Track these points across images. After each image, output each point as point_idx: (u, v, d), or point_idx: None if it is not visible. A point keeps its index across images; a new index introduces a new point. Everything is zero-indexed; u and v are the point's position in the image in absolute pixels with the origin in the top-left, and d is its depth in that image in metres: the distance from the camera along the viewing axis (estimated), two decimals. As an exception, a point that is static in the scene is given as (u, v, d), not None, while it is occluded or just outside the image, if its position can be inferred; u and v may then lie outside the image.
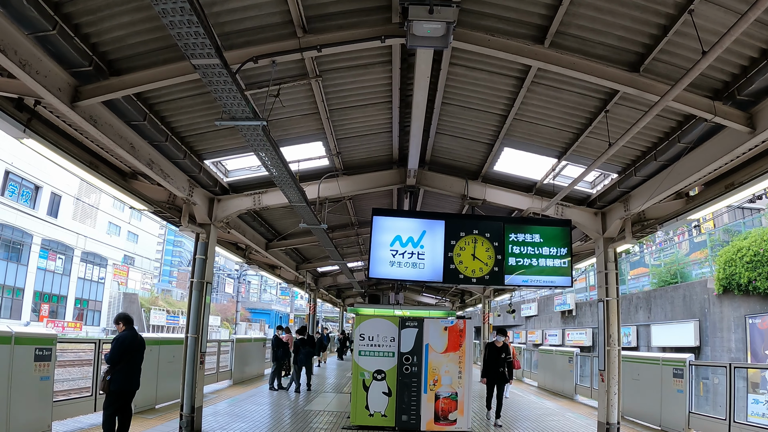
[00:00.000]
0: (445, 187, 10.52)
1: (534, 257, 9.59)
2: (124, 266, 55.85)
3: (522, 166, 10.02)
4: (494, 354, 11.54)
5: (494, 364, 11.50)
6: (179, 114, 7.61)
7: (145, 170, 7.82)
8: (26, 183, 40.07)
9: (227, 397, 13.65)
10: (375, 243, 9.27)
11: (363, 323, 10.20)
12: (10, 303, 39.02)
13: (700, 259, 24.50)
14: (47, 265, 43.03)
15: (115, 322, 8.09)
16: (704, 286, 20.23)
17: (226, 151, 8.97)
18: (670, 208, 9.53)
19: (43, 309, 41.63)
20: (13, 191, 38.77)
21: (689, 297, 21.03)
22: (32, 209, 40.66)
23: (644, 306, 24.04)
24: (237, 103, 5.12)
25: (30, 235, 40.39)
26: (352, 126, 8.98)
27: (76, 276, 46.80)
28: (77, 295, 47.27)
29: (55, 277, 44.25)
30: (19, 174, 38.63)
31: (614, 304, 10.47)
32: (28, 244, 40.55)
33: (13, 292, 39.27)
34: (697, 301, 20.41)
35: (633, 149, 8.53)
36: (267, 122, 5.46)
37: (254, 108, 5.34)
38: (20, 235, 39.63)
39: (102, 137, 6.69)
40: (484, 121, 8.57)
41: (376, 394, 9.96)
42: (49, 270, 43.33)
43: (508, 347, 11.89)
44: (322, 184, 10.16)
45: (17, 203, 38.62)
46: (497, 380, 11.51)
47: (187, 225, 9.56)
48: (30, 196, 40.95)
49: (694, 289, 20.94)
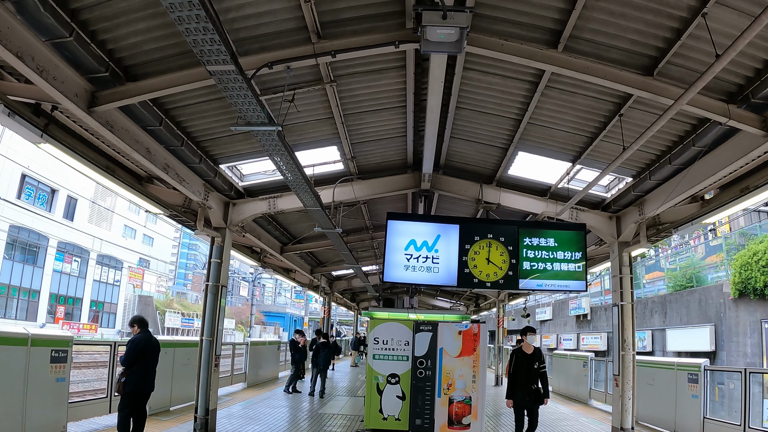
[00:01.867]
0: (460, 191, 10.51)
1: (548, 261, 9.53)
2: (140, 269, 56.14)
3: (536, 170, 9.99)
4: (523, 365, 8.56)
5: (524, 379, 8.50)
6: (195, 119, 7.67)
7: (162, 174, 7.89)
8: (42, 186, 40.44)
9: (242, 399, 13.72)
10: (389, 247, 9.27)
11: (377, 327, 10.25)
12: (26, 305, 39.38)
13: (716, 263, 24.22)
14: (63, 267, 43.39)
15: (130, 324, 8.19)
16: (720, 291, 20.00)
17: (242, 156, 9.04)
18: (685, 212, 9.48)
19: (59, 311, 41.99)
20: (29, 194, 39.16)
21: (705, 301, 20.79)
22: (48, 212, 41.03)
23: (659, 310, 23.79)
24: (252, 109, 5.17)
25: (46, 238, 40.74)
26: (366, 130, 9.02)
27: (91, 278, 47.11)
28: (92, 297, 47.56)
29: (70, 280, 44.59)
30: (36, 177, 39.00)
31: (629, 309, 10.41)
32: (45, 246, 40.88)
33: (29, 294, 39.63)
34: (713, 305, 20.18)
35: (647, 153, 8.49)
36: (282, 127, 5.48)
37: (269, 113, 5.38)
38: (36, 237, 39.98)
39: (119, 142, 6.75)
40: (498, 125, 8.57)
41: (390, 397, 9.99)
42: (64, 272, 43.67)
43: (542, 354, 8.89)
44: (336, 189, 10.19)
45: (34, 206, 39.00)
46: (529, 402, 8.47)
47: (203, 229, 9.62)
48: (46, 199, 41.37)
49: (710, 293, 20.71)
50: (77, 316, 44.66)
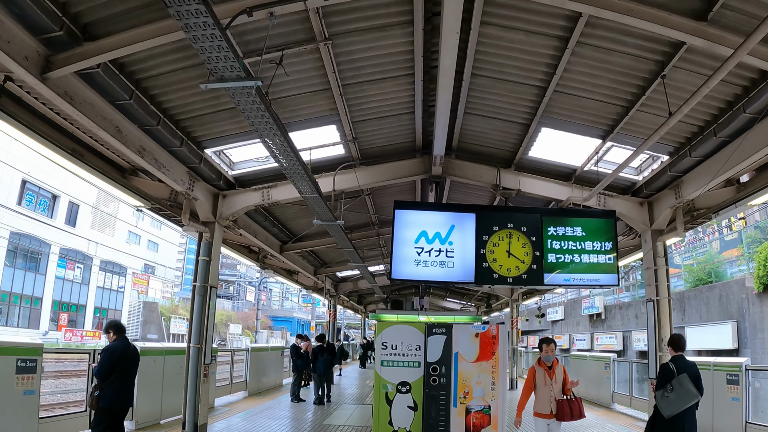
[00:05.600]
0: (475, 176, 9.44)
1: (576, 253, 8.53)
2: (144, 275, 55.52)
3: (560, 151, 8.98)
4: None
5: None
6: (171, 91, 6.69)
7: (137, 159, 6.95)
8: (44, 192, 39.91)
9: (241, 410, 12.72)
10: (398, 240, 8.26)
11: (385, 330, 9.10)
12: (29, 312, 38.89)
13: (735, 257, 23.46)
14: (66, 274, 42.83)
15: (104, 330, 7.20)
16: (742, 285, 19.42)
17: (229, 138, 8.02)
18: (720, 197, 8.60)
19: (62, 318, 41.39)
20: (30, 200, 38.60)
21: (726, 297, 20.38)
22: (50, 218, 40.48)
23: (678, 307, 23.25)
24: (224, 57, 4.14)
25: (48, 245, 40.19)
26: (369, 105, 7.96)
27: (95, 285, 46.55)
28: (96, 304, 46.97)
29: (73, 286, 44.03)
30: (37, 183, 38.46)
31: (665, 304, 9.41)
32: (46, 253, 40.33)
33: (31, 301, 39.13)
34: (735, 300, 19.59)
35: (688, 124, 7.46)
36: (262, 82, 4.47)
37: (246, 66, 4.37)
38: (38, 244, 39.46)
39: (81, 117, 5.85)
40: (520, 95, 7.50)
41: (401, 408, 8.88)
42: (67, 279, 43.12)
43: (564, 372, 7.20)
44: (337, 176, 9.17)
45: (35, 212, 38.41)
46: None
47: (189, 223, 8.66)
48: (48, 205, 40.81)
49: (731, 288, 20.17)
50: (81, 323, 43.96)
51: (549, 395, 6.96)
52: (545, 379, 7.06)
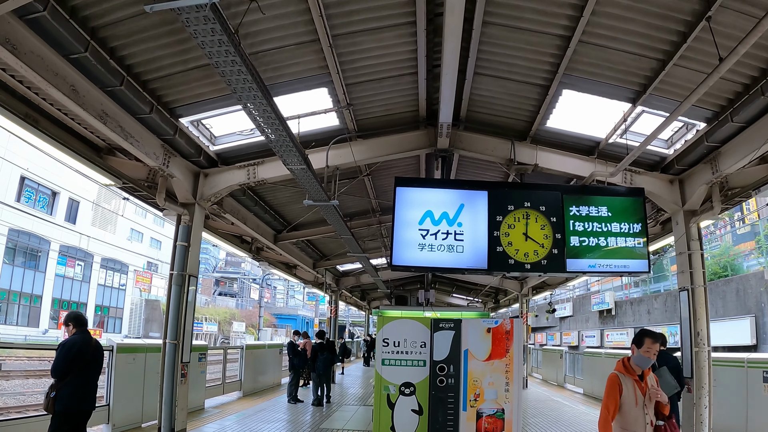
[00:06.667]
0: (486, 150, 8.41)
1: (602, 235, 7.53)
2: (147, 272, 54.88)
3: (582, 120, 7.98)
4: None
5: None
6: (133, 44, 5.71)
7: (97, 125, 6.03)
8: (43, 189, 39.32)
9: (234, 411, 11.80)
10: (399, 221, 7.26)
11: (387, 326, 8.06)
12: (28, 310, 38.48)
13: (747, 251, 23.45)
14: (66, 271, 42.31)
15: (64, 323, 6.28)
16: (760, 278, 18.93)
17: (206, 105, 7.01)
18: (755, 175, 7.78)
19: (62, 316, 40.61)
20: (29, 197, 37.99)
21: (743, 291, 19.96)
22: (50, 215, 39.83)
23: None
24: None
25: (47, 242, 39.63)
26: (365, 63, 6.92)
27: (95, 282, 46.02)
28: (97, 302, 46.44)
29: (74, 284, 43.52)
30: (36, 179, 37.85)
31: (701, 294, 8.47)
32: (46, 250, 39.79)
33: (30, 299, 38.65)
34: (752, 294, 19.05)
35: (732, 82, 6.42)
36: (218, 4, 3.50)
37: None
38: (37, 241, 38.90)
39: (27, 71, 4.97)
40: (539, 48, 6.44)
41: (404, 412, 7.84)
42: (67, 277, 42.61)
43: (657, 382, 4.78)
44: (331, 151, 8.18)
45: (34, 209, 37.81)
46: None
47: (165, 203, 7.71)
48: (47, 202, 40.20)
49: (748, 281, 19.58)
50: (81, 322, 43.10)
51: (643, 420, 4.24)
52: (636, 394, 4.28)
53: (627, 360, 4.56)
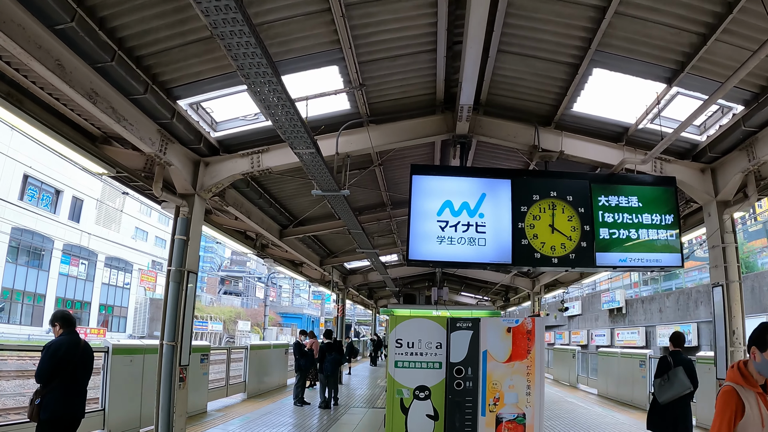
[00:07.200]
0: (508, 135, 7.83)
1: (633, 227, 6.97)
2: (151, 271, 54.51)
3: (611, 104, 7.40)
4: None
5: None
6: (124, 13, 5.15)
7: (85, 104, 5.48)
8: (46, 187, 39.02)
9: (238, 415, 11.27)
10: (416, 213, 6.70)
11: (400, 325, 7.50)
12: (31, 310, 38.24)
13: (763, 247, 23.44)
14: (69, 270, 42.03)
15: (50, 323, 5.75)
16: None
17: (206, 85, 6.41)
18: None
19: (63, 316, 40.40)
20: (32, 195, 37.72)
21: (759, 288, 19.31)
22: (53, 214, 39.66)
23: (705, 300, 22.07)
24: None
25: (51, 241, 39.40)
26: (380, 38, 6.32)
27: (100, 281, 45.68)
28: (101, 301, 46.11)
29: (78, 283, 43.22)
30: (39, 177, 37.57)
31: (736, 290, 7.87)
32: (50, 249, 39.51)
33: (33, 298, 38.44)
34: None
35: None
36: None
37: None
38: (41, 240, 38.66)
39: (5, 41, 4.47)
40: (571, 20, 5.84)
41: (418, 417, 7.29)
42: (71, 276, 42.32)
43: None
44: (341, 137, 7.61)
45: (37, 208, 37.59)
46: None
47: (162, 194, 7.17)
48: (51, 200, 39.91)
49: (764, 279, 19.41)
50: (86, 321, 43.16)
51: None
52: (762, 412, 2.90)
53: (743, 365, 3.03)
